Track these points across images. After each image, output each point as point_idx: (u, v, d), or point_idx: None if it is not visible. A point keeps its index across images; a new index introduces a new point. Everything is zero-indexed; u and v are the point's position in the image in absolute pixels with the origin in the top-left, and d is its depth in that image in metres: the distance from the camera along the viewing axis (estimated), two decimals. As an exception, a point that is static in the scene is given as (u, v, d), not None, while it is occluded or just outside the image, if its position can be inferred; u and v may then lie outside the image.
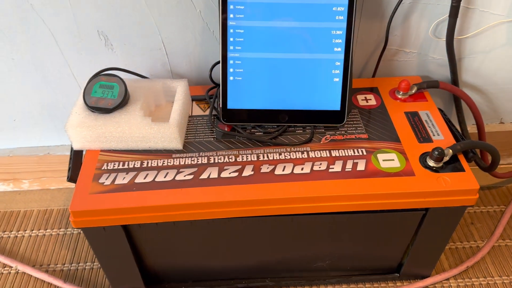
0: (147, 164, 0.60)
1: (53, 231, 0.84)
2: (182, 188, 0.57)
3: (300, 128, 0.65)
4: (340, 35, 0.61)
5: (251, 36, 0.61)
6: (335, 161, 0.60)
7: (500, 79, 0.79)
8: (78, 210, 0.55)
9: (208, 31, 0.69)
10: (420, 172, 0.58)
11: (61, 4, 0.64)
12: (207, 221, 0.59)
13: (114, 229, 0.58)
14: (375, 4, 0.67)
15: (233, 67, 0.63)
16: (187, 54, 0.72)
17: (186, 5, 0.66)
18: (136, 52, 0.71)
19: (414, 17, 0.69)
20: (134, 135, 0.60)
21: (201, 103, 0.70)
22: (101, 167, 0.60)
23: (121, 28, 0.68)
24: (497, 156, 0.65)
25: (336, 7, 0.60)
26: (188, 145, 0.63)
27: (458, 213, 0.61)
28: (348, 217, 0.60)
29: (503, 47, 0.74)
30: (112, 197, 0.56)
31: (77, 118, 0.60)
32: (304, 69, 0.63)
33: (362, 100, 0.69)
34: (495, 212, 0.85)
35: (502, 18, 0.70)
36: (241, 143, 0.63)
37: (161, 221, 0.57)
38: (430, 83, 0.70)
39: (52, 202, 0.89)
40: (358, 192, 0.56)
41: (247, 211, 0.57)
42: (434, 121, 0.65)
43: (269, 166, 0.59)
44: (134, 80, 0.66)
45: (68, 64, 0.72)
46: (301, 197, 0.56)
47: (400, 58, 0.75)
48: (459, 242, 0.80)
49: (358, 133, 0.64)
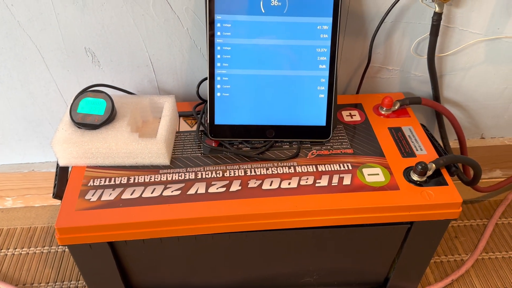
0: (134, 180, 0.60)
1: (37, 249, 0.82)
2: (169, 204, 0.57)
3: (286, 144, 0.66)
4: (325, 53, 0.63)
5: (238, 53, 0.62)
6: (321, 175, 0.61)
7: (480, 95, 0.81)
8: (64, 227, 0.55)
9: (195, 48, 0.70)
10: (404, 186, 0.59)
11: (48, 21, 0.65)
12: (194, 237, 0.59)
13: (100, 246, 0.58)
14: (358, 23, 0.69)
15: (220, 83, 0.63)
16: (175, 70, 0.73)
17: (173, 23, 0.67)
18: (123, 68, 0.71)
19: (396, 36, 0.71)
20: (121, 151, 0.60)
21: (188, 119, 0.70)
22: (88, 183, 0.60)
23: (108, 45, 0.68)
24: (479, 171, 0.67)
25: (321, 25, 0.61)
26: (176, 161, 0.63)
27: (442, 226, 0.62)
28: (335, 232, 0.61)
29: (482, 64, 0.76)
30: (98, 214, 0.56)
31: (63, 134, 0.60)
32: (290, 85, 0.64)
33: (347, 116, 0.71)
34: (478, 225, 0.86)
35: (481, 37, 0.72)
36: (228, 159, 0.63)
37: (148, 237, 0.57)
38: (413, 100, 0.71)
39: (36, 220, 0.87)
40: (344, 206, 0.57)
41: (235, 226, 0.58)
42: (417, 136, 0.67)
43: (257, 181, 0.60)
44: (121, 96, 0.66)
45: (54, 80, 0.72)
46: (288, 211, 0.57)
47: (383, 75, 0.76)
48: (443, 255, 0.81)
49: (344, 148, 0.65)
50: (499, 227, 0.86)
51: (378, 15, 0.68)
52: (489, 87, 0.80)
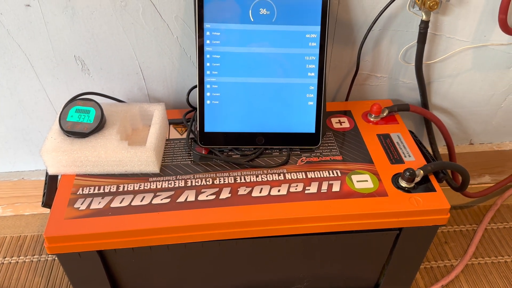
0: (123, 188, 0.60)
1: (26, 258, 0.82)
2: (159, 212, 0.57)
3: (276, 151, 0.66)
4: (313, 61, 0.63)
5: (227, 61, 0.63)
6: (311, 182, 0.61)
7: (468, 102, 0.82)
8: (53, 236, 0.55)
9: (185, 56, 0.70)
10: (393, 193, 0.60)
11: (38, 29, 0.65)
12: (184, 245, 0.59)
13: (89, 255, 0.58)
14: (346, 31, 0.70)
15: (210, 91, 0.64)
16: (165, 78, 0.73)
17: (163, 31, 0.67)
18: (113, 76, 0.72)
19: (384, 43, 0.72)
20: (110, 159, 0.60)
21: (178, 127, 0.71)
22: (77, 191, 0.59)
23: (98, 53, 0.68)
24: (467, 176, 0.68)
25: (309, 34, 0.62)
26: (165, 169, 0.63)
27: (430, 232, 0.62)
28: (325, 238, 0.61)
29: (469, 71, 0.77)
30: (87, 222, 0.56)
31: (52, 142, 0.60)
32: (279, 93, 0.64)
33: (336, 122, 0.71)
34: (468, 231, 0.87)
35: (468, 44, 0.73)
36: (218, 166, 0.63)
37: (137, 245, 0.57)
38: (401, 106, 0.72)
39: (26, 228, 0.87)
40: (333, 213, 0.57)
41: (225, 234, 0.58)
42: (405, 142, 0.67)
43: (246, 188, 0.60)
44: (110, 104, 0.66)
45: (44, 88, 0.72)
46: (278, 218, 0.57)
47: (372, 82, 0.77)
48: (433, 261, 0.81)
49: (333, 155, 0.65)
50: (488, 232, 0.87)
51: (366, 23, 0.69)
52: (477, 93, 0.81)
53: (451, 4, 0.68)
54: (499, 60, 0.76)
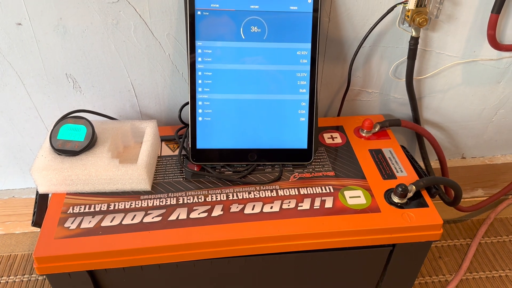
0: (114, 206, 0.59)
1: (16, 277, 0.80)
2: (150, 231, 0.56)
3: (269, 167, 0.66)
4: (305, 77, 0.63)
5: (219, 78, 0.63)
6: (303, 198, 0.61)
7: (459, 116, 0.82)
8: (42, 256, 0.54)
9: (177, 73, 0.71)
10: (386, 209, 0.59)
11: (29, 47, 0.65)
12: (176, 264, 0.58)
13: (79, 275, 0.57)
14: (337, 48, 0.71)
15: (202, 107, 0.64)
16: (157, 95, 0.73)
17: (155, 48, 0.67)
18: (105, 93, 0.71)
19: (375, 59, 0.73)
20: (101, 177, 0.59)
21: (170, 143, 0.70)
22: (67, 210, 0.59)
23: (90, 70, 0.68)
24: (459, 191, 0.68)
25: (300, 51, 0.62)
26: (157, 186, 0.62)
27: (424, 248, 0.62)
28: (318, 256, 0.60)
29: (459, 86, 0.78)
30: (77, 242, 0.55)
31: (43, 161, 0.59)
32: (271, 109, 0.64)
33: (328, 138, 0.71)
34: (462, 245, 0.87)
35: (457, 60, 0.74)
36: (210, 183, 0.63)
37: (128, 265, 0.56)
38: (392, 122, 0.72)
39: (17, 247, 0.86)
40: (326, 229, 0.57)
41: (217, 252, 0.57)
42: (397, 158, 0.67)
43: (239, 205, 0.60)
44: (102, 121, 0.66)
45: (35, 106, 0.72)
46: (271, 236, 0.56)
47: (363, 98, 0.78)
48: (428, 276, 0.81)
49: (325, 170, 0.65)
50: (482, 247, 0.86)
51: (356, 40, 0.70)
52: (467, 108, 0.81)
53: (440, 20, 0.69)
54: (489, 75, 0.77)
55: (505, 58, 0.75)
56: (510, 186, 0.89)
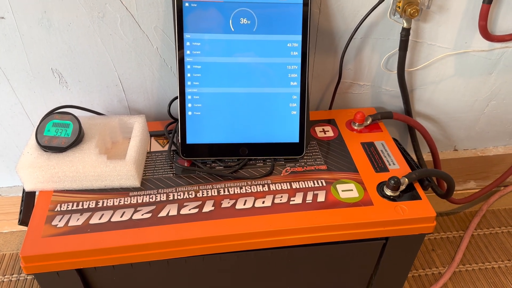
0: (102, 203, 0.58)
1: (5, 277, 0.79)
2: (140, 228, 0.55)
3: (260, 161, 0.65)
4: (296, 70, 0.62)
5: (208, 72, 0.62)
6: (295, 193, 0.60)
7: (451, 108, 0.82)
8: (30, 255, 0.53)
9: (166, 67, 0.69)
10: (378, 202, 0.59)
11: (13, 42, 0.63)
12: (166, 261, 0.57)
13: (68, 274, 0.56)
14: (328, 40, 0.70)
15: (192, 102, 0.63)
16: (145, 90, 0.72)
17: (142, 42, 0.66)
18: (91, 88, 0.70)
19: (366, 52, 0.72)
20: (89, 174, 0.58)
21: (160, 139, 0.69)
22: (54, 208, 0.57)
23: (76, 65, 0.67)
24: (452, 183, 0.67)
25: (291, 43, 0.61)
26: (146, 182, 0.61)
27: (417, 241, 0.62)
28: (311, 250, 0.60)
29: (451, 78, 0.77)
30: (65, 240, 0.54)
31: (29, 158, 0.58)
32: (262, 103, 0.63)
33: (320, 131, 0.71)
34: (454, 237, 0.87)
35: (449, 51, 0.74)
36: (201, 178, 0.62)
37: (118, 263, 0.55)
38: (384, 114, 0.72)
39: (4, 247, 0.84)
40: (319, 223, 0.56)
41: (208, 249, 0.56)
42: (389, 150, 0.67)
43: (230, 200, 0.59)
44: (89, 117, 0.65)
45: (20, 102, 0.70)
46: (263, 231, 0.56)
47: (355, 90, 0.77)
48: (421, 269, 0.81)
49: (317, 164, 0.65)
50: (475, 239, 0.86)
51: (347, 32, 0.69)
52: (459, 100, 0.81)
53: (432, 11, 0.68)
54: (481, 66, 0.76)
55: (497, 49, 0.74)
56: (502, 178, 0.89)
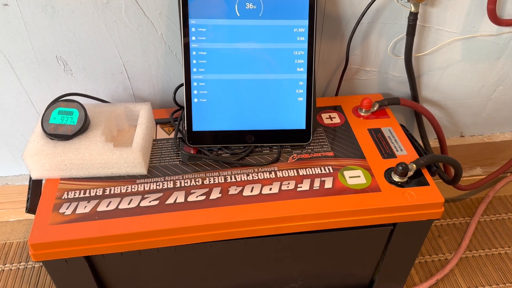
0: (109, 191, 0.58)
1: (12, 265, 0.79)
2: (147, 215, 0.55)
3: (267, 148, 0.64)
4: (302, 56, 0.62)
5: (214, 58, 0.61)
6: (302, 179, 0.60)
7: (458, 94, 0.81)
8: (38, 243, 0.53)
9: (171, 54, 0.69)
10: (386, 188, 0.59)
11: (17, 29, 0.63)
12: (174, 248, 0.57)
13: (76, 261, 0.56)
14: (334, 25, 0.69)
15: (197, 89, 0.62)
16: (150, 77, 0.71)
17: (147, 29, 0.65)
18: (96, 76, 0.70)
19: (373, 37, 0.71)
20: (96, 162, 0.58)
21: (165, 126, 0.69)
22: (62, 196, 0.57)
23: (81, 52, 0.66)
24: (459, 169, 0.67)
25: (297, 28, 0.61)
26: (153, 170, 0.61)
27: (425, 227, 0.61)
28: (318, 236, 0.60)
29: (459, 63, 0.76)
30: (73, 228, 0.54)
31: (35, 146, 0.58)
32: (268, 89, 0.63)
33: (327, 118, 0.70)
34: (461, 224, 0.86)
35: (457, 36, 0.73)
36: (208, 166, 0.62)
37: (126, 250, 0.55)
38: (391, 100, 0.71)
39: (12, 235, 0.85)
40: (326, 210, 0.56)
41: (216, 235, 0.56)
42: (396, 137, 0.66)
43: (237, 187, 0.59)
44: (94, 105, 0.64)
45: (25, 90, 0.70)
46: (270, 218, 0.56)
47: (361, 76, 0.76)
48: (428, 255, 0.81)
49: (324, 151, 0.64)
50: (481, 225, 0.86)
51: (354, 16, 0.68)
52: (467, 85, 0.80)
53: (440, -5, 0.67)
54: (489, 51, 0.75)
55: (505, 33, 0.73)
56: (508, 164, 0.89)
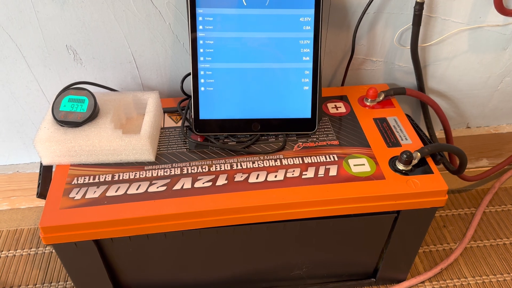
0: (118, 177, 0.59)
1: (23, 251, 0.81)
2: (155, 200, 0.56)
3: (272, 137, 0.65)
4: (308, 45, 0.62)
5: (221, 47, 0.62)
6: (307, 167, 0.61)
7: (464, 85, 0.81)
8: (49, 226, 0.54)
9: (178, 43, 0.70)
10: (390, 176, 0.59)
11: (28, 19, 0.64)
12: (181, 233, 0.58)
13: (85, 244, 0.57)
14: (341, 14, 0.69)
15: (204, 78, 0.63)
16: (158, 66, 0.72)
17: (155, 18, 0.66)
18: (105, 65, 0.71)
19: (379, 27, 0.71)
20: (105, 148, 0.59)
21: (173, 115, 0.70)
22: (72, 181, 0.59)
23: (90, 41, 0.68)
24: (464, 158, 0.67)
25: (303, 17, 0.61)
26: (161, 157, 0.62)
27: (429, 214, 0.62)
28: (323, 223, 0.61)
29: (465, 53, 0.77)
30: (83, 212, 0.55)
31: (46, 132, 0.59)
32: (274, 78, 0.64)
33: (332, 108, 0.71)
34: (466, 214, 0.87)
35: (463, 26, 0.73)
36: (214, 153, 0.63)
37: (134, 234, 0.57)
38: (397, 90, 0.71)
39: (23, 222, 0.86)
40: (331, 197, 0.57)
41: (222, 221, 0.57)
42: (402, 126, 0.67)
43: (243, 174, 0.60)
44: (104, 93, 0.66)
45: (36, 79, 0.71)
46: (275, 204, 0.57)
47: (367, 66, 0.77)
48: (432, 245, 0.81)
49: (329, 140, 0.65)
50: (486, 215, 0.86)
51: (360, 6, 0.68)
52: (473, 76, 0.80)
53: (446, -15, 0.67)
54: (495, 42, 0.75)
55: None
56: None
